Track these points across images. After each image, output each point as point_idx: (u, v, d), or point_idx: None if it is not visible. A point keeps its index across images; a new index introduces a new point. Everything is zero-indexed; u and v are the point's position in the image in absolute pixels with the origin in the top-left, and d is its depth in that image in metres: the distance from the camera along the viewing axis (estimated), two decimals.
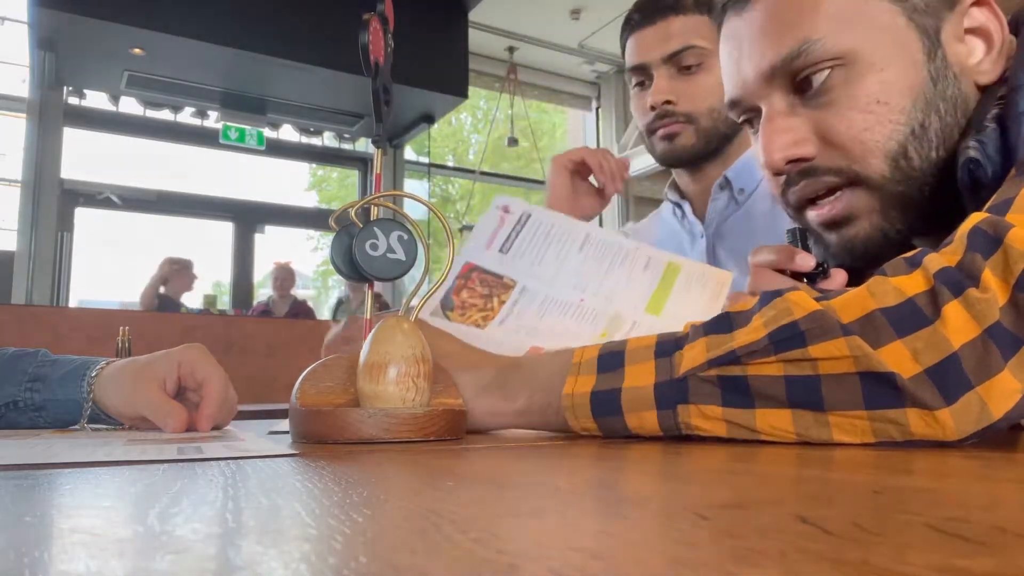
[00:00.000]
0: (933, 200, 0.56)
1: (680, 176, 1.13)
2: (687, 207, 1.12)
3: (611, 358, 0.50)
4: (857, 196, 0.58)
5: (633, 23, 1.07)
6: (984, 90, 0.57)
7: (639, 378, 0.48)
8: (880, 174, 0.56)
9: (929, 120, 0.55)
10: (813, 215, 0.61)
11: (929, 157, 0.56)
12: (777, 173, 0.60)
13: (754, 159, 1.07)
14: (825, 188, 0.58)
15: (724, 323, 0.46)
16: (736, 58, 0.62)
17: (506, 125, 6.04)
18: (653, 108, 1.04)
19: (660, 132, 1.06)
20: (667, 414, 0.46)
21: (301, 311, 4.81)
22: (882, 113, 0.55)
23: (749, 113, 0.63)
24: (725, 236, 1.08)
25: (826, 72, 0.56)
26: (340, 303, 4.88)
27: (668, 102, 1.03)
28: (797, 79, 0.58)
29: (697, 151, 1.06)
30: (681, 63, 1.03)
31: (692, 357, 0.45)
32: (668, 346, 0.48)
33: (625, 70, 1.11)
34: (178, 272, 4.60)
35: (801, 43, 0.56)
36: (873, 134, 0.55)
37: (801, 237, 0.67)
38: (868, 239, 0.58)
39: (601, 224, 6.21)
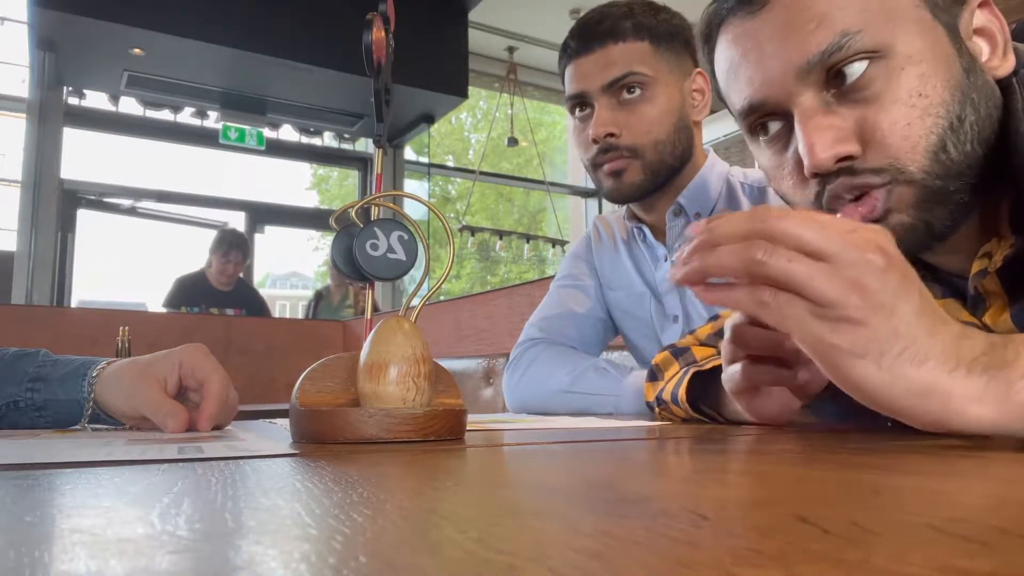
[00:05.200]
0: (966, 194, 0.55)
1: (632, 205, 1.10)
2: (647, 230, 1.09)
3: None
4: (895, 193, 0.55)
5: (570, 51, 1.02)
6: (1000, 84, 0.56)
7: None
8: (921, 169, 0.54)
9: (965, 113, 0.54)
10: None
11: (964, 151, 0.54)
12: (821, 175, 0.57)
13: (706, 182, 1.04)
14: (860, 189, 0.55)
15: None
16: (755, 59, 0.59)
17: (506, 125, 6.04)
18: (596, 141, 1.00)
19: (606, 168, 1.01)
20: None
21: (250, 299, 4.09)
22: (923, 107, 0.54)
23: (769, 117, 0.60)
24: None
25: (864, 65, 0.54)
26: (320, 297, 4.43)
27: (611, 135, 0.99)
28: (832, 74, 0.55)
29: (646, 188, 1.02)
30: (623, 92, 0.99)
31: None
32: None
33: (564, 100, 1.06)
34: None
35: (840, 35, 0.54)
36: (915, 128, 0.54)
37: None
38: (912, 230, 0.55)
39: (600, 210, 6.16)
